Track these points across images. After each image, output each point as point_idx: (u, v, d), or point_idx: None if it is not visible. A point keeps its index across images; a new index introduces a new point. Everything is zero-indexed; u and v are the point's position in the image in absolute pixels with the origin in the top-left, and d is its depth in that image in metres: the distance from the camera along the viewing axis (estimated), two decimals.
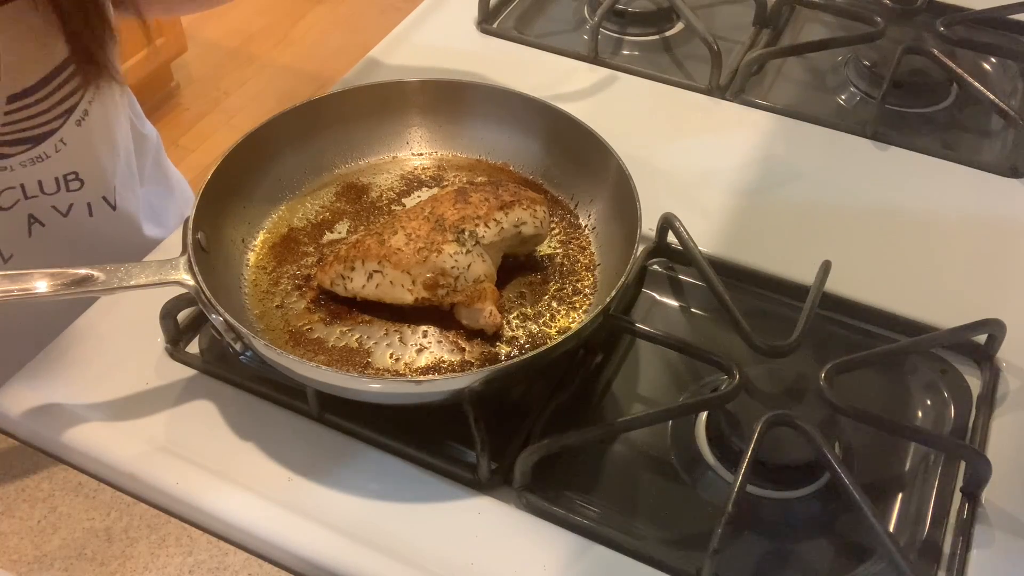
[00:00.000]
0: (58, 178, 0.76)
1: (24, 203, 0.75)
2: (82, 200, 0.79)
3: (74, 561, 0.59)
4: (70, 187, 0.77)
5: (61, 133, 0.74)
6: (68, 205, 0.78)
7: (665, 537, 0.61)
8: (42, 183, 0.75)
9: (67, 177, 0.76)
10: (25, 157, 0.72)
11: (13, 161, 0.72)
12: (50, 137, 0.73)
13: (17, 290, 0.61)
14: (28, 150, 0.72)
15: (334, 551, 0.59)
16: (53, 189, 0.76)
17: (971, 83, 0.91)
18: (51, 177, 0.75)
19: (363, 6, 2.79)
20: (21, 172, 0.73)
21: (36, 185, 0.75)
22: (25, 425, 0.66)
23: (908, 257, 0.79)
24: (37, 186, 0.75)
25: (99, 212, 0.81)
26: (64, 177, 0.76)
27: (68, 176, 0.76)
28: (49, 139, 0.73)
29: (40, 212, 0.77)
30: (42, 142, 0.73)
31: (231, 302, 0.66)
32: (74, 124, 0.74)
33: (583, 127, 0.74)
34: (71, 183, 0.77)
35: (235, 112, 2.46)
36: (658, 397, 0.70)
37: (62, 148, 0.74)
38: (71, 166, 0.76)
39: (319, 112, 0.78)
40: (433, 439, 0.64)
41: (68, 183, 0.77)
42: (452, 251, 0.65)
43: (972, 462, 0.63)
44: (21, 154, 0.72)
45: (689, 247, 0.73)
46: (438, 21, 1.03)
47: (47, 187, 0.75)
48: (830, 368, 0.63)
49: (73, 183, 0.77)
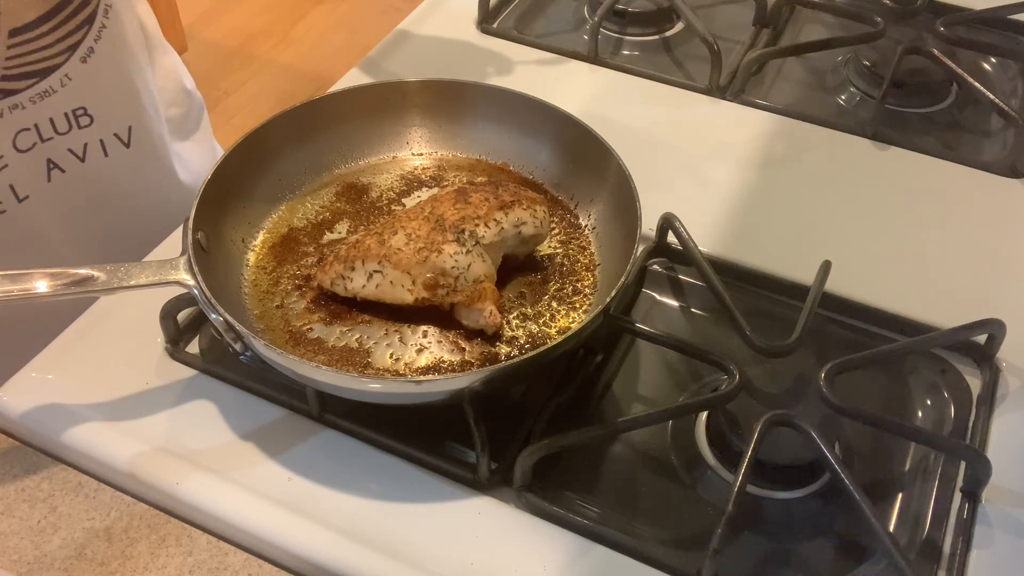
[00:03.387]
0: (67, 114, 0.77)
1: (41, 146, 0.77)
2: (94, 138, 0.81)
3: (74, 561, 0.59)
4: (80, 123, 0.78)
5: (66, 68, 0.75)
6: (83, 146, 0.80)
7: (665, 537, 0.61)
8: (54, 121, 0.77)
9: (76, 112, 0.78)
10: (33, 92, 0.74)
11: (23, 97, 0.74)
12: (55, 72, 0.75)
13: (17, 290, 0.61)
14: (34, 84, 0.74)
15: (334, 551, 0.59)
16: (65, 127, 0.78)
17: (971, 83, 0.91)
18: (60, 113, 0.77)
19: (363, 6, 2.79)
20: (32, 109, 0.75)
21: (49, 124, 0.76)
22: (25, 425, 0.66)
23: (908, 257, 0.79)
24: (50, 125, 0.76)
25: (113, 151, 0.82)
26: (73, 113, 0.78)
27: (77, 112, 0.78)
28: (54, 73, 0.75)
29: (58, 156, 0.78)
30: (47, 76, 0.74)
31: (231, 302, 0.66)
32: (79, 60, 0.76)
33: (583, 127, 0.74)
34: (81, 118, 0.78)
35: (235, 112, 2.46)
36: (658, 397, 0.70)
37: (68, 83, 0.76)
38: (79, 101, 0.78)
39: (319, 112, 0.78)
40: (433, 439, 0.64)
41: (78, 119, 0.78)
42: (452, 251, 0.65)
43: (972, 462, 0.63)
44: (28, 88, 0.74)
45: (689, 247, 0.73)
46: (438, 21, 1.03)
47: (59, 125, 0.77)
48: (830, 368, 0.63)
49: (83, 118, 0.78)
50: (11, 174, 0.76)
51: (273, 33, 2.73)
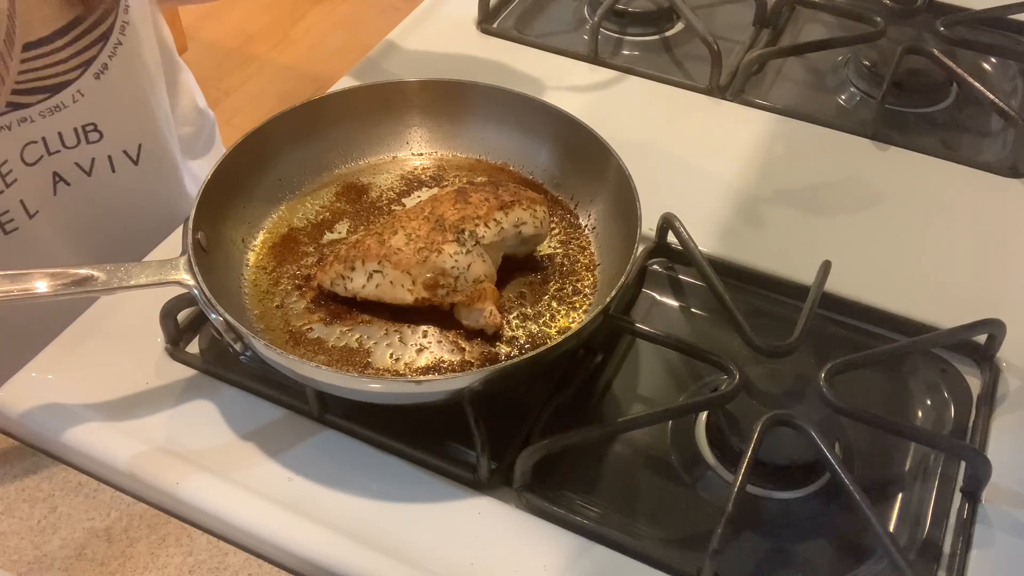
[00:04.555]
0: (77, 129, 0.77)
1: (48, 159, 0.77)
2: (103, 154, 0.80)
3: (74, 561, 0.59)
4: (89, 139, 0.78)
5: (78, 84, 0.75)
6: (90, 160, 0.80)
7: (665, 537, 0.61)
8: (62, 135, 0.76)
9: (86, 128, 0.78)
10: (44, 107, 0.74)
11: (33, 111, 0.74)
12: (67, 87, 0.75)
13: (17, 290, 0.61)
14: (46, 99, 0.74)
15: (334, 551, 0.59)
16: (73, 142, 0.77)
17: (971, 83, 0.91)
18: (70, 128, 0.77)
19: (363, 6, 2.79)
20: (42, 123, 0.75)
21: (57, 138, 0.76)
22: (25, 425, 0.66)
23: (908, 257, 0.79)
24: (58, 139, 0.76)
25: (121, 167, 0.82)
26: (83, 128, 0.77)
27: (87, 127, 0.78)
28: (66, 89, 0.75)
29: (64, 169, 0.78)
30: (59, 92, 0.74)
31: (231, 302, 0.66)
32: (92, 76, 0.76)
33: (583, 127, 0.74)
34: (90, 134, 0.78)
35: (235, 112, 2.46)
36: (658, 397, 0.70)
37: (80, 99, 0.76)
38: (89, 117, 0.78)
39: (319, 112, 0.78)
40: (433, 439, 0.64)
41: (87, 134, 0.78)
42: (452, 251, 0.65)
43: (972, 462, 0.63)
44: (40, 103, 0.74)
45: (689, 247, 0.73)
46: (438, 21, 1.03)
47: (67, 139, 0.77)
48: (830, 368, 0.63)
49: (92, 134, 0.78)
50: (20, 189, 0.76)
51: (273, 33, 2.73)
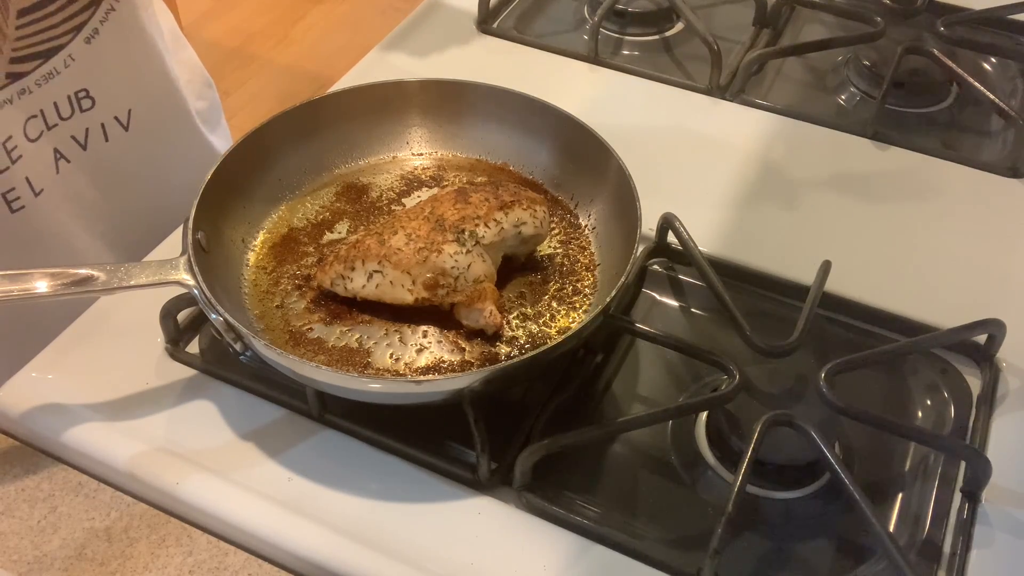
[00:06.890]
0: (70, 96, 0.78)
1: (48, 134, 0.77)
2: (96, 122, 0.81)
3: (74, 561, 0.59)
4: (83, 106, 0.79)
5: (70, 49, 0.76)
6: (84, 131, 0.80)
7: (665, 537, 0.61)
8: (58, 106, 0.77)
9: (79, 95, 0.78)
10: (39, 74, 0.74)
11: (29, 81, 0.74)
12: (59, 52, 0.75)
13: (17, 290, 0.61)
14: (40, 65, 0.74)
15: (334, 551, 0.59)
16: (68, 112, 0.78)
17: (971, 83, 0.91)
18: (64, 96, 0.77)
19: (363, 6, 2.79)
20: (39, 93, 0.75)
21: (53, 109, 0.77)
22: (25, 425, 0.66)
23: (908, 257, 0.79)
24: (54, 110, 0.77)
25: (113, 135, 0.83)
26: (76, 96, 0.78)
27: (79, 94, 0.78)
28: (58, 54, 0.75)
29: (63, 145, 0.79)
30: (51, 57, 0.75)
31: (231, 302, 0.66)
32: (83, 41, 0.76)
33: (583, 127, 0.74)
34: (83, 101, 0.79)
35: (235, 112, 2.46)
36: (658, 397, 0.70)
37: (71, 64, 0.76)
38: (81, 82, 0.78)
39: (319, 112, 0.78)
40: (433, 439, 0.64)
41: (80, 101, 0.78)
42: (452, 251, 0.65)
43: (972, 462, 0.63)
44: (35, 71, 0.74)
45: (689, 247, 0.73)
46: (438, 21, 1.03)
47: (63, 110, 0.77)
48: (830, 368, 0.63)
49: (85, 100, 0.79)
50: (25, 166, 0.76)
51: (273, 33, 2.73)
